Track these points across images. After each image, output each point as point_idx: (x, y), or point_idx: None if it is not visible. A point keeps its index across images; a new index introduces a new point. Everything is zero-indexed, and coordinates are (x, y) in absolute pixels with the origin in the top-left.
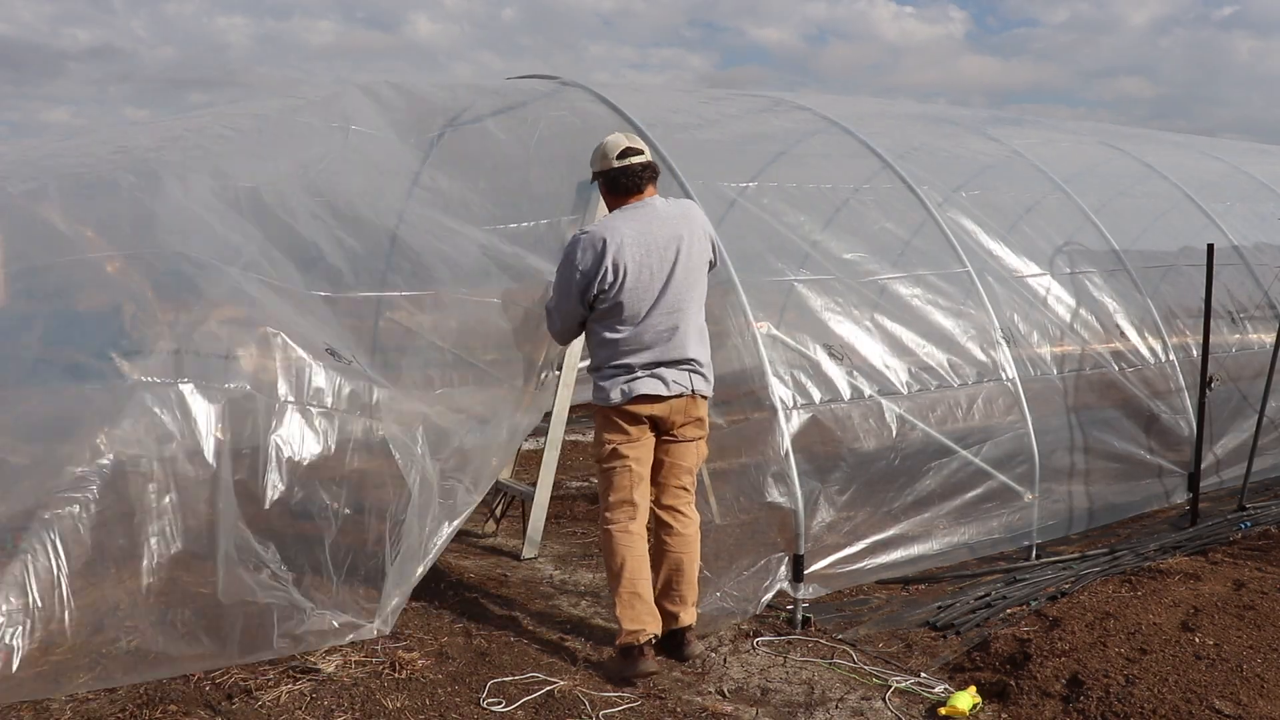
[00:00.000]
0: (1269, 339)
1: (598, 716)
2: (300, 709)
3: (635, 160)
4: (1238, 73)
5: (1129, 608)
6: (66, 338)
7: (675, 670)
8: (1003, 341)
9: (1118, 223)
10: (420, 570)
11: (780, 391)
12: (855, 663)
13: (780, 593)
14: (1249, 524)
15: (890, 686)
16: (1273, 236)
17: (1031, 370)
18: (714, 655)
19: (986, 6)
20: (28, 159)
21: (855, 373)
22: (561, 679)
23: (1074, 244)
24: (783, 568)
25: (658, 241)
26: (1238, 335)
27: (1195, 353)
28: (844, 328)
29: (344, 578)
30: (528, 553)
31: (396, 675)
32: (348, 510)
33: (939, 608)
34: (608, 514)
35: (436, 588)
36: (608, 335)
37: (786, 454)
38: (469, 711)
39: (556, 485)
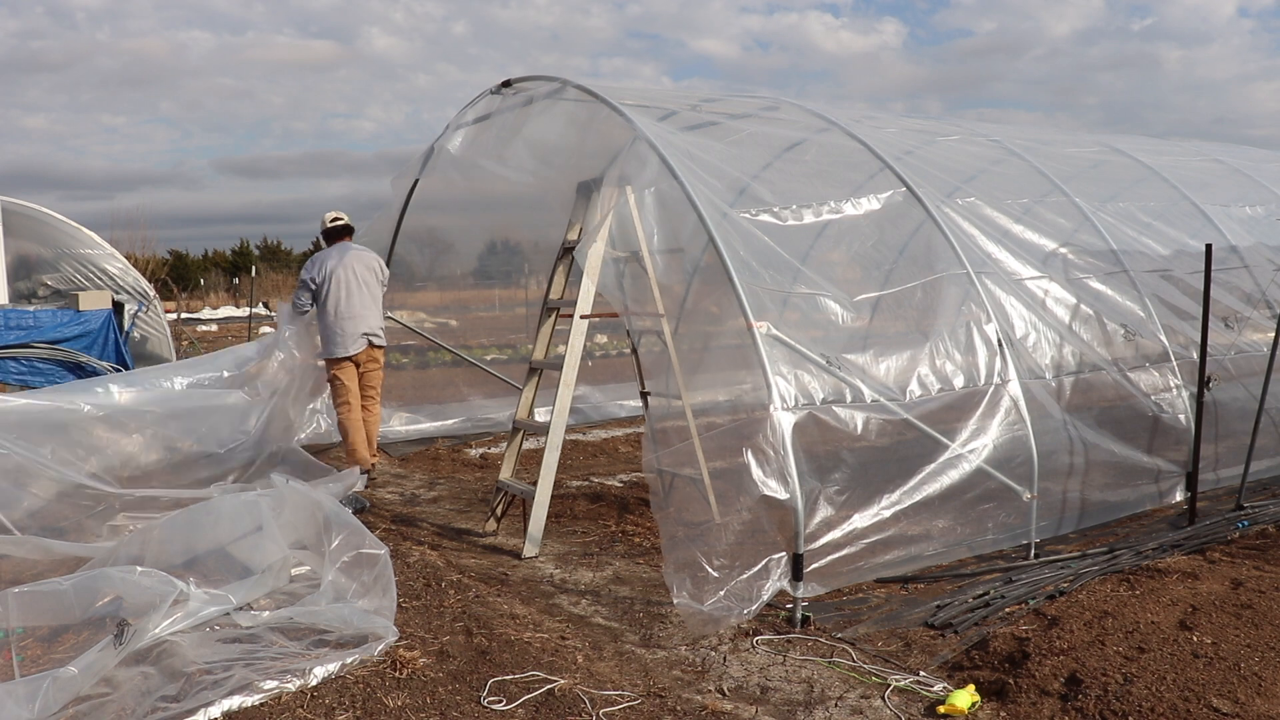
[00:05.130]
0: (1267, 339)
1: (598, 715)
2: (301, 707)
3: (337, 224)
4: (1173, 80)
5: (1127, 606)
6: None
7: (675, 669)
8: (1002, 342)
9: (1116, 224)
10: None
11: (781, 391)
12: (854, 661)
13: (780, 591)
14: (1247, 523)
15: (889, 685)
16: (1270, 237)
17: (1030, 370)
18: (714, 654)
19: (915, 20)
20: None
21: (855, 372)
22: (562, 677)
23: (1073, 245)
24: (782, 566)
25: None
26: (1235, 335)
27: (1193, 352)
28: (844, 327)
29: None
30: (528, 551)
31: (397, 674)
32: None
33: (938, 606)
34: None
35: (438, 586)
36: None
37: (786, 453)
38: (470, 710)
39: (557, 485)
